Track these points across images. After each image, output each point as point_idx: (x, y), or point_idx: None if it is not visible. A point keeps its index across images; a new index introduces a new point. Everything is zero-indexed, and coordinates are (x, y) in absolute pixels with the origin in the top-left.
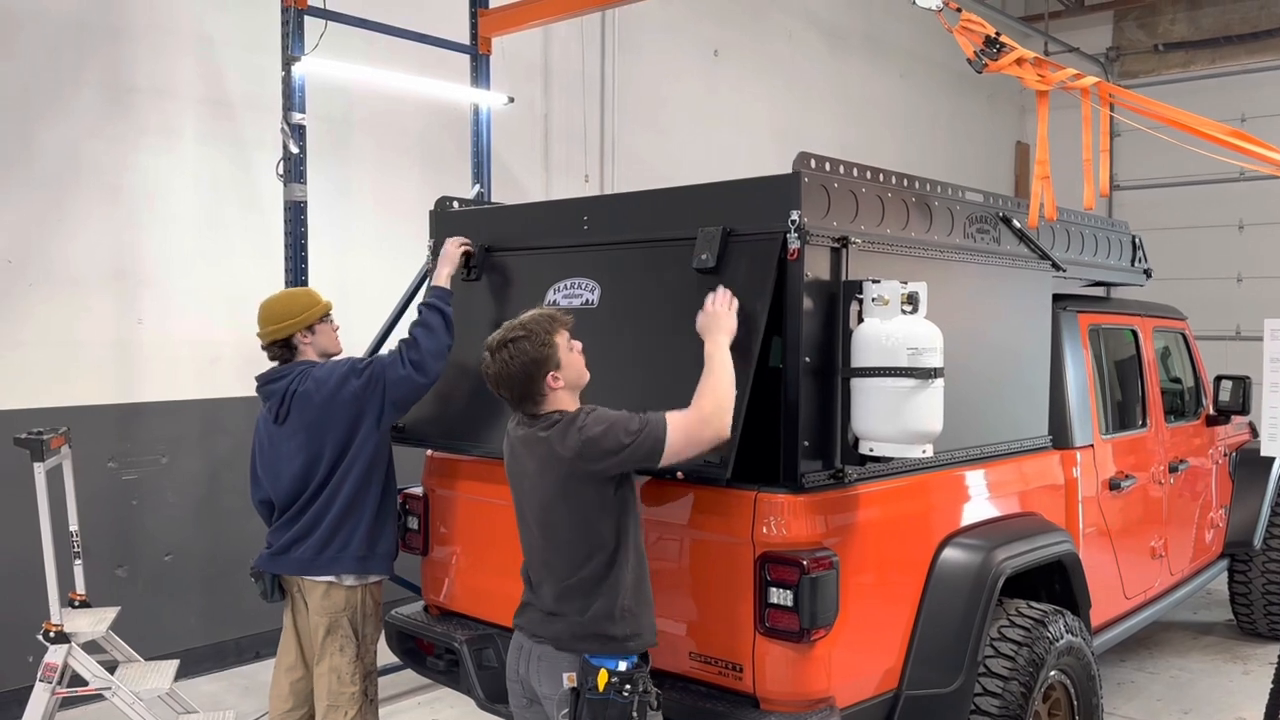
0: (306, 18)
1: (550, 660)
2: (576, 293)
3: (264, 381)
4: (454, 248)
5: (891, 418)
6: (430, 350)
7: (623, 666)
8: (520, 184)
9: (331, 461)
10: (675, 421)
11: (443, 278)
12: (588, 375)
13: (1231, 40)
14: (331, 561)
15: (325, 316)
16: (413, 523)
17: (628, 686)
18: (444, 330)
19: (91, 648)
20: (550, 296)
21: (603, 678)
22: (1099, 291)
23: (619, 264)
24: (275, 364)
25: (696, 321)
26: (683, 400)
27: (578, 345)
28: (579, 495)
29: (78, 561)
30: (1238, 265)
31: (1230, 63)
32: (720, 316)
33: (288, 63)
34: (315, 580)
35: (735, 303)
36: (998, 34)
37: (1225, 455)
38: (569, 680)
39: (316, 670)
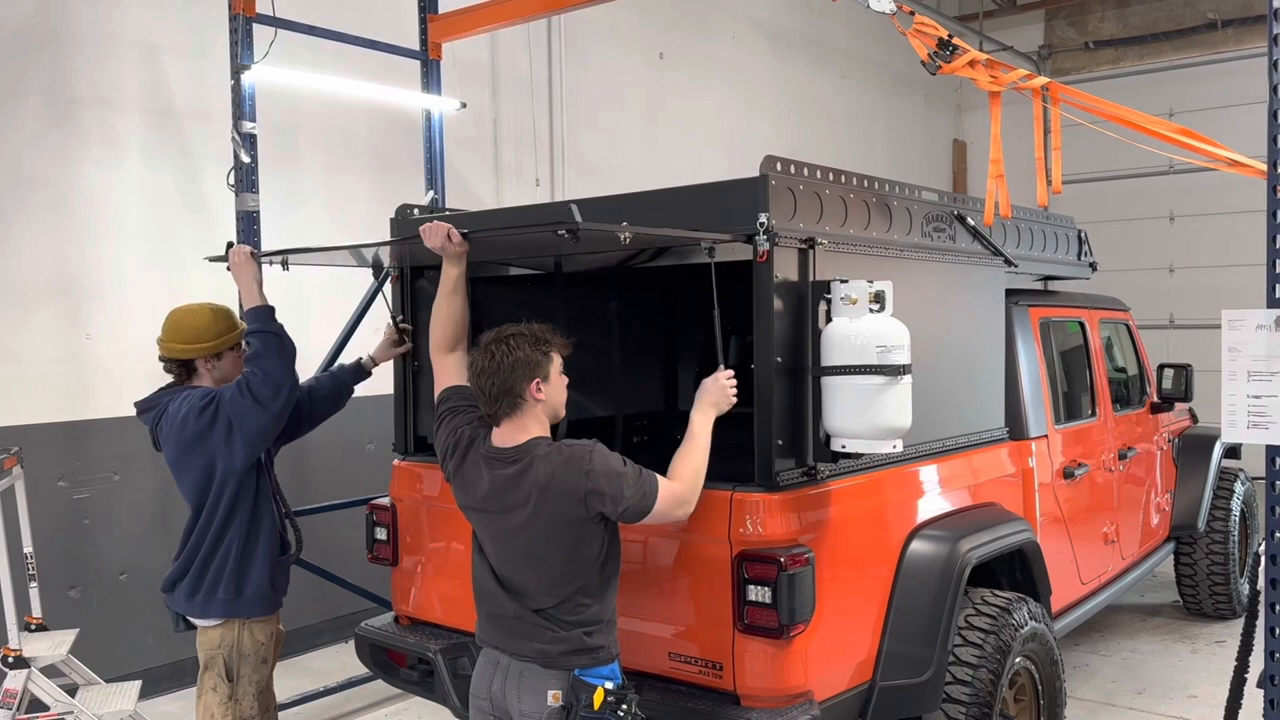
0: (255, 25)
1: (535, 677)
2: None
3: (139, 410)
4: (241, 256)
5: (862, 414)
6: (273, 379)
7: (609, 685)
8: (471, 189)
9: (194, 504)
10: (664, 491)
11: (253, 295)
12: (564, 413)
13: (1159, 37)
14: (202, 606)
15: (238, 345)
16: (381, 534)
17: (623, 707)
18: (276, 354)
19: (50, 671)
20: None
21: (599, 696)
22: (1038, 285)
23: None
24: (169, 380)
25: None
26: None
27: (564, 379)
28: (579, 531)
29: (33, 584)
30: (1170, 256)
31: (1158, 59)
32: (716, 391)
33: (237, 71)
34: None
35: (734, 383)
36: (951, 36)
37: (1169, 441)
38: (554, 698)
39: (196, 703)
